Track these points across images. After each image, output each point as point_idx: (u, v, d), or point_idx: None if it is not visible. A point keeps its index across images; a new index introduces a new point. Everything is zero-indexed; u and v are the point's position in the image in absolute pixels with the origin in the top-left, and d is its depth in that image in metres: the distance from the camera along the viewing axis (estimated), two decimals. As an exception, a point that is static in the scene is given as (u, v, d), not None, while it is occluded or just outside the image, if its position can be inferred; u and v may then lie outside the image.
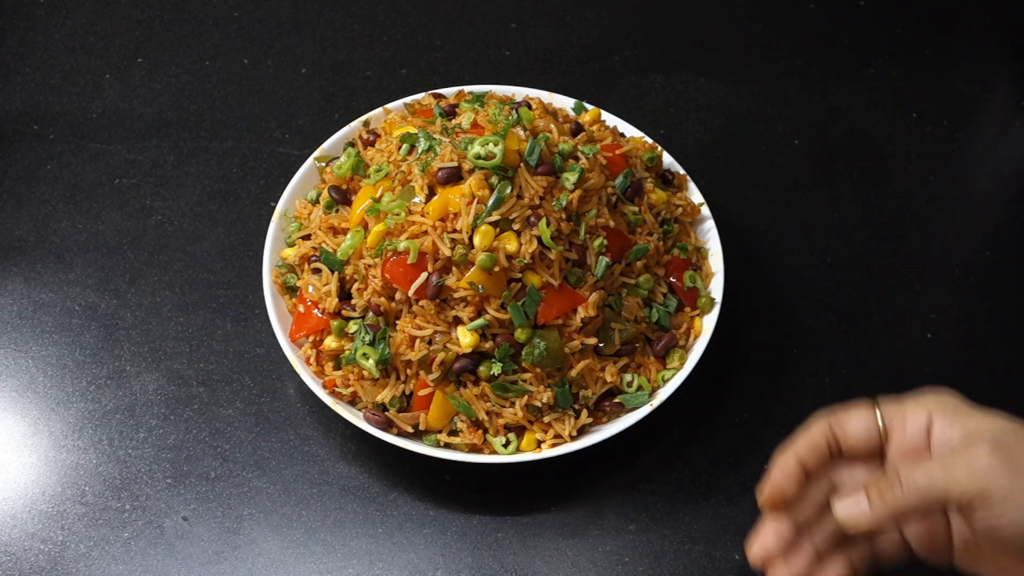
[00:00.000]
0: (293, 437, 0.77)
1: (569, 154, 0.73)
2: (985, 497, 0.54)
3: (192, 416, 0.78)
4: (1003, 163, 0.97)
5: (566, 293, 0.71)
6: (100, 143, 0.94)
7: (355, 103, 0.98)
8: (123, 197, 0.91)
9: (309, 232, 0.79)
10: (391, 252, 0.71)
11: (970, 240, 0.91)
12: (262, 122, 0.96)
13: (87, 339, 0.81)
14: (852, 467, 0.62)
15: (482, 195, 0.69)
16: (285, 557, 0.71)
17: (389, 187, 0.74)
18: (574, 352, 0.72)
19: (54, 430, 0.77)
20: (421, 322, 0.71)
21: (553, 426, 0.72)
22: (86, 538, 0.72)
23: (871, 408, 0.61)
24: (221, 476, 0.75)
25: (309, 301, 0.75)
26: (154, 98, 0.98)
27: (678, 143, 0.94)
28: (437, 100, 0.85)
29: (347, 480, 0.75)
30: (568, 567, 0.71)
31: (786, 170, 0.95)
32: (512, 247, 0.69)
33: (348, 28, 1.05)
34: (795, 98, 1.00)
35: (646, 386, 0.73)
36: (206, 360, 0.80)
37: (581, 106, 0.86)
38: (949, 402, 0.59)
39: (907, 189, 0.94)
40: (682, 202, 0.81)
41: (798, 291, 0.86)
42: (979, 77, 1.03)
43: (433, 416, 0.71)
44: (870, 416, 0.61)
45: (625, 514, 0.73)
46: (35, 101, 0.97)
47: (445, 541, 0.72)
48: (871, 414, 0.61)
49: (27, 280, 0.85)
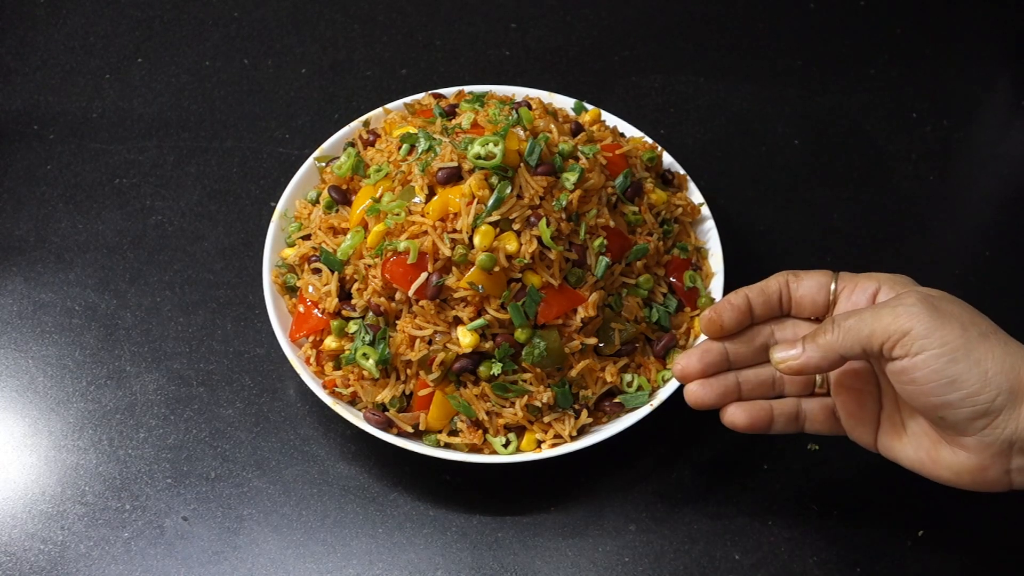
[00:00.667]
0: (293, 437, 0.77)
1: (569, 154, 0.73)
2: (905, 333, 0.56)
3: (192, 416, 0.78)
4: (1003, 163, 0.97)
5: (566, 293, 0.71)
6: (100, 143, 0.94)
7: (355, 103, 0.98)
8: (123, 197, 0.91)
9: (309, 232, 0.79)
10: (391, 252, 0.71)
11: (970, 240, 0.91)
12: (262, 122, 0.96)
13: (87, 339, 0.81)
14: (797, 326, 0.66)
15: (482, 195, 0.69)
16: (285, 557, 0.71)
17: (389, 187, 0.74)
18: (574, 352, 0.72)
19: (54, 430, 0.77)
20: (421, 322, 0.71)
21: (553, 426, 0.72)
22: (86, 538, 0.72)
23: (829, 274, 0.65)
24: (221, 476, 0.75)
25: (309, 301, 0.75)
26: (154, 98, 0.98)
27: (678, 143, 0.94)
28: (437, 100, 0.85)
29: (347, 480, 0.75)
30: (568, 567, 0.71)
31: (786, 170, 0.95)
32: (512, 247, 0.69)
33: (348, 28, 1.05)
34: (795, 98, 1.00)
35: (646, 386, 0.73)
36: (206, 360, 0.80)
37: (581, 106, 0.86)
38: (900, 279, 0.63)
39: (907, 189, 0.94)
40: (682, 202, 0.81)
41: (798, 291, 0.86)
42: (979, 77, 1.03)
43: (433, 416, 0.71)
44: (826, 279, 0.65)
45: (625, 514, 0.73)
46: (35, 101, 0.97)
47: (445, 541, 0.72)
48: (827, 278, 0.65)
49: (27, 280, 0.85)
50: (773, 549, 0.72)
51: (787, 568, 0.71)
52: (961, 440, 0.58)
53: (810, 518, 0.73)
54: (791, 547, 0.72)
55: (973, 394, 0.56)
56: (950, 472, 0.60)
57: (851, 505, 0.73)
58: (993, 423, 0.56)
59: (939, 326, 0.56)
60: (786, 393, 0.68)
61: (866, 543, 0.72)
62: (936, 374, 0.56)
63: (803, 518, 0.73)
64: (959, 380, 0.56)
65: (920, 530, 0.72)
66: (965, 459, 0.59)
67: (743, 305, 0.65)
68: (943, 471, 0.60)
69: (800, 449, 0.76)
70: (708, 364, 0.66)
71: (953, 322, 0.57)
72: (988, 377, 0.56)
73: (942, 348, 0.56)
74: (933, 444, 0.60)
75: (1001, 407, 0.56)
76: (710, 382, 0.66)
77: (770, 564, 0.71)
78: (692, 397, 0.66)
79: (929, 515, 0.71)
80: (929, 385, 0.57)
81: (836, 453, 0.76)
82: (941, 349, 0.56)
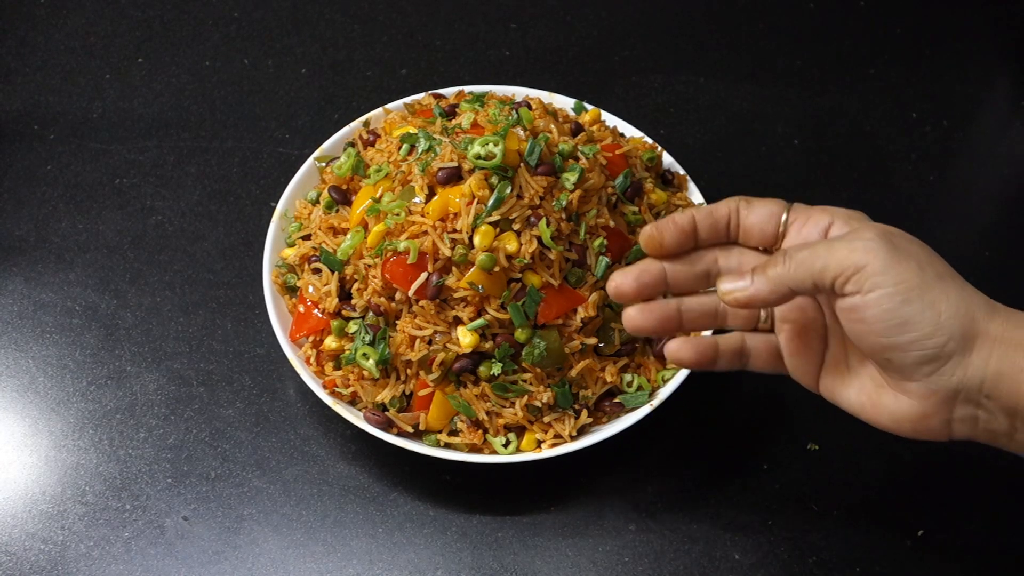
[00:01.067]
0: (293, 437, 0.77)
1: (569, 154, 0.73)
2: (859, 269, 0.53)
3: (192, 416, 0.78)
4: (1003, 163, 0.97)
5: (566, 293, 0.71)
6: (100, 143, 0.94)
7: (355, 103, 0.98)
8: (123, 197, 0.91)
9: (309, 232, 0.79)
10: (391, 252, 0.71)
11: (970, 240, 0.91)
12: (262, 122, 0.97)
13: (87, 339, 0.81)
14: (743, 254, 0.62)
15: (482, 195, 0.70)
16: (285, 557, 0.71)
17: (389, 187, 0.74)
18: (574, 352, 0.72)
19: (54, 430, 0.77)
20: (421, 322, 0.71)
21: (553, 426, 0.72)
22: (86, 538, 0.72)
23: (782, 204, 0.61)
24: (221, 476, 0.75)
25: (309, 301, 0.75)
26: (154, 98, 0.98)
27: (678, 143, 0.94)
28: (437, 100, 0.85)
29: (347, 480, 0.75)
30: (568, 567, 0.71)
31: (786, 170, 0.95)
32: (512, 247, 0.69)
33: (348, 28, 1.05)
34: (795, 98, 1.00)
35: (646, 386, 0.73)
36: (206, 360, 0.80)
37: (581, 106, 0.86)
38: (855, 214, 0.59)
39: (907, 189, 0.94)
40: (682, 202, 0.81)
41: (798, 291, 0.86)
42: (979, 77, 1.03)
43: (433, 416, 0.71)
44: (778, 209, 0.61)
45: (625, 514, 0.73)
46: (35, 101, 0.97)
47: (445, 541, 0.72)
48: (780, 208, 0.61)
49: (27, 280, 0.85)
50: (773, 549, 0.72)
51: (787, 568, 0.71)
52: (905, 385, 0.55)
53: (810, 518, 0.73)
54: (791, 547, 0.72)
55: (923, 337, 0.53)
56: (890, 419, 0.57)
57: (851, 505, 0.73)
58: (940, 369, 0.53)
59: (895, 263, 0.53)
60: (729, 326, 0.64)
61: (866, 543, 0.72)
62: (888, 314, 0.53)
63: (803, 518, 0.73)
64: (911, 322, 0.53)
65: (920, 530, 0.72)
66: (907, 405, 0.55)
67: (688, 226, 0.61)
68: (884, 417, 0.57)
69: (800, 449, 0.76)
70: (644, 284, 0.61)
71: (910, 261, 0.54)
72: (941, 321, 0.53)
73: (896, 287, 0.53)
74: (876, 388, 0.57)
75: (951, 353, 0.53)
76: (650, 307, 0.61)
77: (770, 564, 0.71)
78: (630, 322, 0.61)
79: (929, 515, 0.71)
80: (879, 325, 0.53)
81: (836, 453, 0.76)
82: (895, 288, 0.53)
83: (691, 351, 0.62)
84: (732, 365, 0.63)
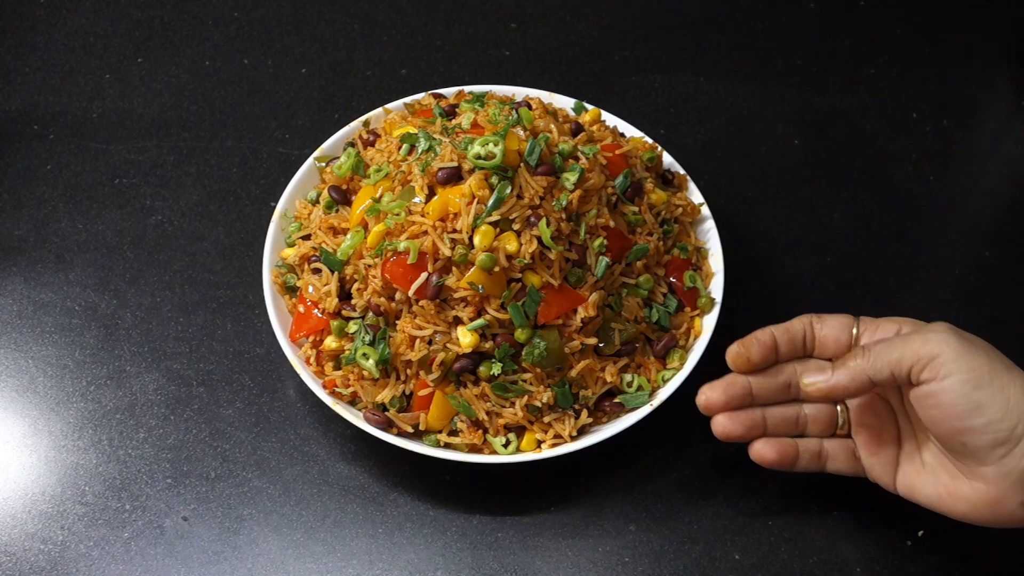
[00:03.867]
0: (293, 437, 0.77)
1: (569, 154, 0.73)
2: (934, 357, 0.59)
3: (192, 416, 0.78)
4: (1003, 163, 0.97)
5: (566, 293, 0.71)
6: (100, 143, 0.94)
7: (355, 103, 0.98)
8: (123, 197, 0.91)
9: (309, 232, 0.79)
10: (391, 252, 0.71)
11: (970, 240, 0.91)
12: (262, 122, 0.97)
13: (87, 339, 0.81)
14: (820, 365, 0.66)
15: (482, 195, 0.69)
16: (285, 557, 0.71)
17: (389, 187, 0.74)
18: (574, 352, 0.72)
19: (54, 430, 0.77)
20: (421, 322, 0.71)
21: (553, 426, 0.72)
22: (86, 538, 0.72)
23: (851, 318, 0.68)
24: (221, 476, 0.75)
25: (309, 301, 0.75)
26: (154, 98, 0.98)
27: (678, 143, 0.94)
28: (437, 100, 0.85)
29: (347, 480, 0.75)
30: (568, 567, 0.71)
31: (786, 170, 0.95)
32: (512, 247, 0.69)
33: (348, 28, 1.05)
34: (795, 98, 1.00)
35: (646, 386, 0.73)
36: (206, 360, 0.80)
37: (581, 106, 0.86)
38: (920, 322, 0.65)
39: (907, 189, 0.94)
40: (682, 202, 0.81)
41: (798, 291, 0.87)
42: (979, 77, 1.03)
43: (433, 416, 0.71)
44: (848, 321, 0.68)
45: (625, 514, 0.73)
46: (35, 101, 0.97)
47: (445, 541, 0.72)
48: (850, 321, 0.68)
49: (27, 280, 0.85)
50: (773, 549, 0.72)
51: (787, 568, 0.71)
52: (979, 471, 0.60)
53: (810, 518, 0.73)
54: (791, 547, 0.72)
55: (995, 420, 0.58)
56: (968, 506, 0.61)
57: (851, 505, 0.73)
58: (1012, 452, 0.58)
59: (966, 353, 0.58)
60: (808, 433, 0.69)
61: (866, 543, 0.72)
62: (962, 398, 0.58)
63: (803, 518, 0.73)
64: (983, 405, 0.58)
65: (920, 530, 0.72)
66: (983, 492, 0.60)
67: (770, 342, 0.67)
68: (961, 505, 0.62)
69: (800, 449, 0.76)
70: (732, 397, 0.67)
71: (979, 351, 0.59)
72: (1010, 405, 0.57)
73: (969, 374, 0.58)
74: (951, 479, 0.62)
75: (1021, 436, 0.58)
76: (738, 415, 0.68)
77: (770, 564, 0.71)
78: (720, 429, 0.68)
79: (929, 515, 0.71)
80: (954, 409, 0.58)
81: (836, 453, 0.76)
82: (968, 375, 0.58)
83: (774, 451, 0.68)
84: (811, 466, 0.69)
